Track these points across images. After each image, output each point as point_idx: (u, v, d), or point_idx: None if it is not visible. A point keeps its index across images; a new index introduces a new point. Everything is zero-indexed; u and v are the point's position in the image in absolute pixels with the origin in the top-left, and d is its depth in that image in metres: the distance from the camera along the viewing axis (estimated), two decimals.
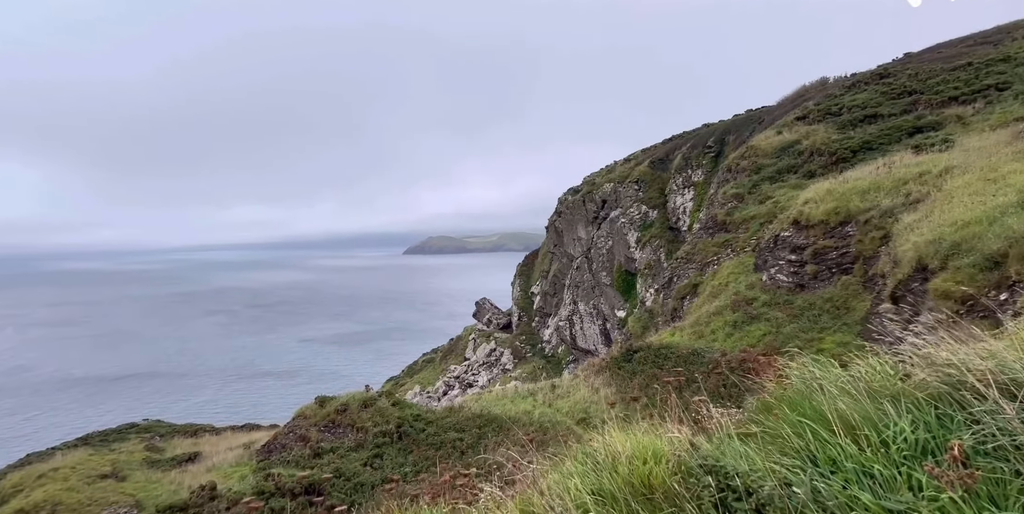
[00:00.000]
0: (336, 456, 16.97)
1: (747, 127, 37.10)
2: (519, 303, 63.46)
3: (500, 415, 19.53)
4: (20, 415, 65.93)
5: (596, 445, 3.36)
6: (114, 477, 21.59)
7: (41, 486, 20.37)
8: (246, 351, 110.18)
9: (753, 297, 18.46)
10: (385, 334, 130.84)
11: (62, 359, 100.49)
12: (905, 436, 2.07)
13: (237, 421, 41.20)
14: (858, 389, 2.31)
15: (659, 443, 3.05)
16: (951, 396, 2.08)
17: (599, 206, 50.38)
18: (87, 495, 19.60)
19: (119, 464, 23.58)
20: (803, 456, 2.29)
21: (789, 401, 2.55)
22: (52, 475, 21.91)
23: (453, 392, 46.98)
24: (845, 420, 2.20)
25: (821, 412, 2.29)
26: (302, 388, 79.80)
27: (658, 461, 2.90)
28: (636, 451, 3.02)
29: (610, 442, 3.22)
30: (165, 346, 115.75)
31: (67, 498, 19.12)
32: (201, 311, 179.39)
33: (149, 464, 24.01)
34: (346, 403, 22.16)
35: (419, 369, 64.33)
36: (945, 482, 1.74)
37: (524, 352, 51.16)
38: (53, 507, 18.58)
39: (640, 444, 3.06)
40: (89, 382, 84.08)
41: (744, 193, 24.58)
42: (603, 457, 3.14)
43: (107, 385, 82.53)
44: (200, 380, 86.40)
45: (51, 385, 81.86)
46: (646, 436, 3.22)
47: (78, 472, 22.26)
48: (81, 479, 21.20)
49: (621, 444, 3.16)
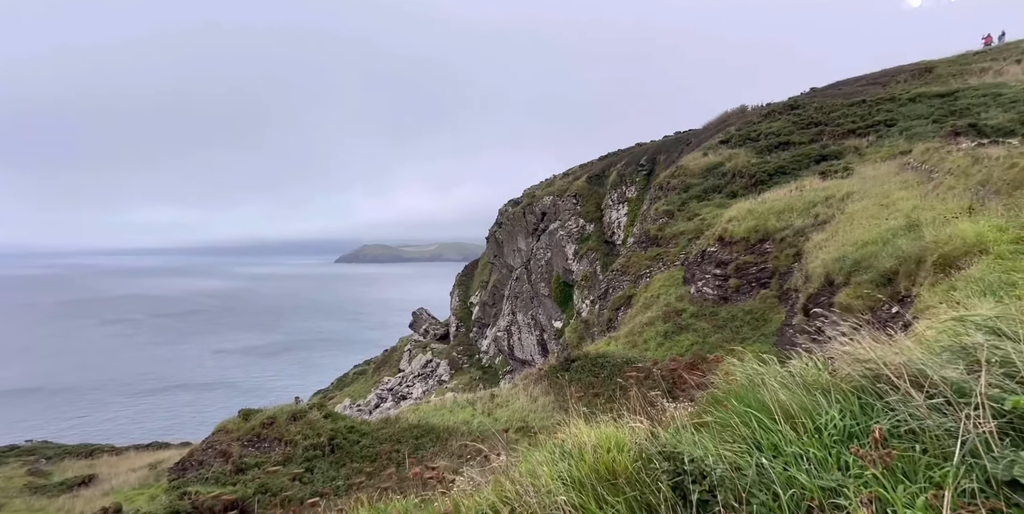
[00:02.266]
0: (261, 471, 15.98)
1: (676, 148, 39.62)
2: (457, 313, 63.04)
3: (438, 425, 19.30)
4: None
5: (563, 436, 3.56)
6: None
7: None
8: (152, 364, 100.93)
9: (682, 308, 19.63)
10: (312, 345, 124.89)
11: None
12: (835, 423, 2.41)
13: (142, 440, 37.56)
14: (795, 383, 2.67)
15: (621, 434, 3.29)
16: (872, 388, 2.47)
17: (539, 218, 51.47)
18: None
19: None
20: (750, 443, 2.59)
21: (736, 394, 2.88)
22: None
23: (386, 404, 45.63)
24: (785, 410, 2.52)
25: (764, 403, 2.62)
26: (220, 403, 74.07)
27: (621, 450, 3.14)
28: (600, 441, 3.24)
29: (576, 433, 3.43)
30: (54, 359, 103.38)
31: None
32: (98, 321, 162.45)
33: (32, 490, 21.48)
34: (273, 416, 20.98)
35: (350, 381, 61.94)
36: (868, 461, 2.06)
37: (461, 363, 50.76)
38: None
39: (604, 435, 3.29)
40: None
41: (674, 210, 26.18)
42: (570, 447, 3.34)
43: None
44: (98, 395, 77.87)
45: None
46: (608, 427, 3.46)
47: None
48: None
49: (586, 435, 3.38)
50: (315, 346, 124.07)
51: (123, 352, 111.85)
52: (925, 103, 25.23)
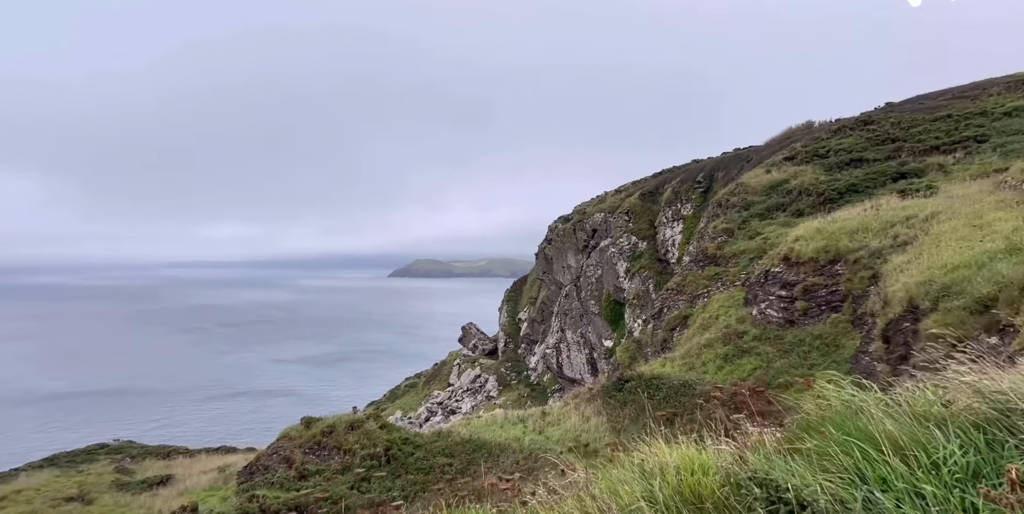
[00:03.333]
0: (322, 478, 16.54)
1: (735, 165, 38.48)
2: (506, 329, 63.17)
3: (490, 441, 19.30)
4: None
5: (642, 456, 3.55)
6: (80, 500, 20.63)
7: (2, 509, 19.49)
8: (220, 370, 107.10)
9: (744, 331, 18.83)
10: (365, 356, 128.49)
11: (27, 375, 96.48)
12: (955, 459, 2.18)
13: (211, 442, 39.75)
14: (903, 413, 2.52)
15: (704, 456, 3.25)
16: (1000, 422, 2.27)
17: (589, 235, 51.15)
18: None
19: (86, 486, 22.60)
20: (852, 474, 2.40)
21: (833, 421, 2.76)
22: (15, 497, 20.94)
23: (436, 418, 46.06)
24: (893, 441, 2.36)
25: (868, 432, 2.48)
26: (278, 409, 77.35)
27: (705, 472, 3.10)
28: (683, 463, 3.22)
29: (657, 453, 3.41)
30: (137, 364, 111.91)
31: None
32: (174, 329, 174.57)
33: (118, 487, 23.00)
34: (333, 425, 21.69)
35: (401, 394, 63.08)
36: (1005, 505, 1.84)
37: (509, 379, 50.63)
38: None
39: (686, 456, 3.26)
40: (53, 400, 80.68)
41: (734, 228, 25.34)
42: (651, 467, 3.32)
43: (71, 402, 79.22)
44: (172, 399, 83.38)
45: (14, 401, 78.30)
46: (689, 449, 3.42)
47: (43, 494, 21.30)
48: (46, 502, 20.27)
49: (666, 455, 3.36)
50: (368, 358, 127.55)
51: (195, 359, 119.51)
52: (1023, 118, 23.39)
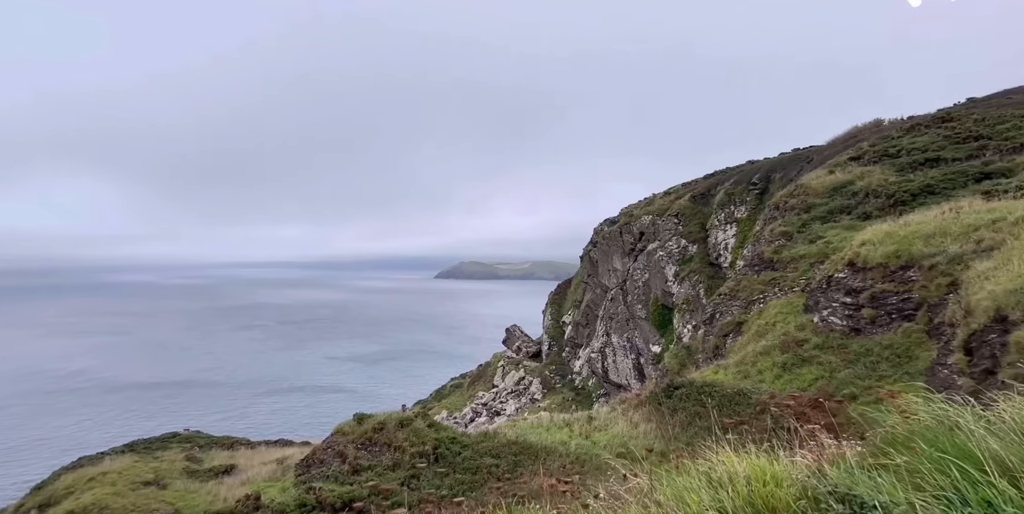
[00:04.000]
0: (374, 474, 17.00)
1: (794, 166, 36.73)
2: (550, 332, 62.95)
3: (536, 444, 19.27)
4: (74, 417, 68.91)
5: (707, 464, 3.47)
6: (156, 485, 22.11)
7: (90, 489, 21.07)
8: (278, 366, 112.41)
9: (804, 339, 17.93)
10: (412, 356, 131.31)
11: (113, 366, 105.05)
12: None
13: (269, 435, 41.70)
14: (1010, 430, 2.31)
15: (776, 467, 3.14)
16: None
17: (636, 238, 50.21)
18: (131, 501, 20.13)
19: (161, 472, 24.17)
20: (950, 494, 2.23)
21: (923, 437, 2.57)
22: (101, 479, 22.65)
23: (480, 419, 46.46)
24: (999, 461, 2.18)
25: (966, 450, 2.28)
26: (331, 405, 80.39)
27: (778, 484, 2.99)
28: (753, 473, 3.11)
29: (724, 461, 3.32)
30: (202, 358, 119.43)
31: (113, 502, 19.69)
32: (237, 326, 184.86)
33: (188, 474, 24.46)
34: (383, 422, 22.29)
35: (447, 394, 64.06)
36: None
37: (553, 382, 50.39)
38: (100, 511, 19.16)
39: (757, 466, 3.16)
40: (135, 389, 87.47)
41: (793, 232, 24.20)
42: (718, 476, 3.24)
43: (150, 392, 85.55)
44: (235, 392, 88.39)
45: (102, 390, 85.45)
46: (759, 459, 3.31)
47: (124, 478, 22.94)
48: (127, 485, 21.82)
49: (735, 465, 3.26)
50: (414, 357, 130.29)
51: (256, 355, 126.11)
52: None
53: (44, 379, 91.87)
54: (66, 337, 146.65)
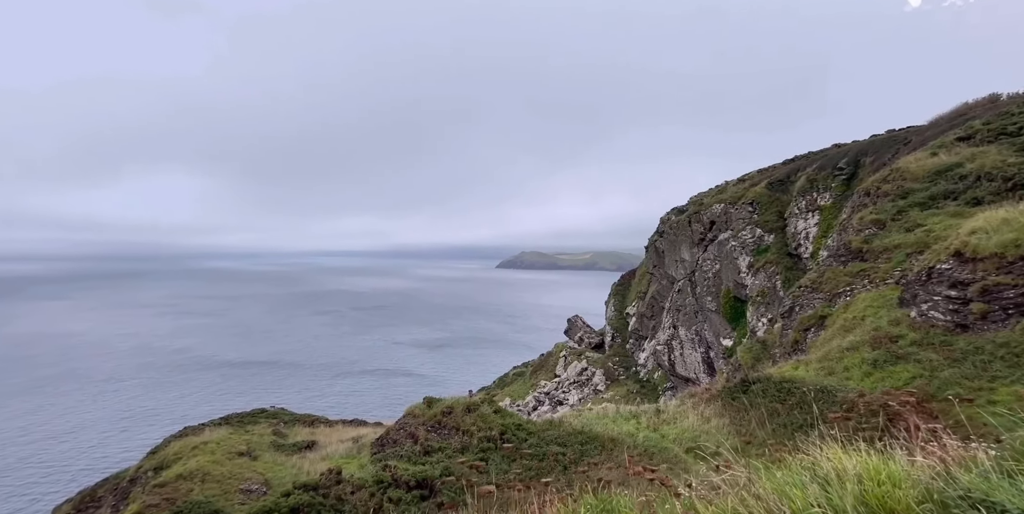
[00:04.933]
0: (444, 456, 17.68)
1: (889, 148, 33.53)
2: (613, 323, 62.07)
3: (601, 434, 19.19)
4: (177, 390, 77.08)
5: (810, 459, 3.32)
6: (248, 456, 24.20)
7: (194, 456, 23.41)
8: (349, 350, 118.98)
9: (898, 335, 16.51)
10: (472, 343, 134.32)
11: (208, 345, 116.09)
12: None
13: (344, 414, 44.45)
14: None
15: (892, 466, 2.95)
16: None
17: (706, 227, 48.12)
18: (228, 469, 22.16)
19: (252, 445, 26.36)
20: None
21: None
22: (203, 448, 25.08)
23: (543, 408, 46.86)
24: None
25: None
26: (399, 388, 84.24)
27: (896, 485, 2.81)
28: (866, 472, 2.95)
29: (831, 458, 3.17)
30: (284, 340, 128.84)
31: (213, 469, 21.78)
32: (313, 311, 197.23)
33: (275, 447, 26.54)
34: (451, 406, 23.07)
35: (509, 382, 65.08)
36: None
37: (617, 374, 49.78)
38: (203, 475, 21.26)
39: (869, 465, 2.99)
40: (227, 367, 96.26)
41: (886, 219, 22.21)
42: (825, 472, 3.09)
43: (239, 370, 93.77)
44: (313, 373, 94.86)
45: (200, 367, 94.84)
46: (871, 457, 3.13)
47: (222, 448, 25.25)
48: (224, 454, 24.02)
49: (844, 462, 3.10)
50: (474, 344, 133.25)
51: (330, 339, 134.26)
52: None
53: (154, 355, 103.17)
54: (170, 318, 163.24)
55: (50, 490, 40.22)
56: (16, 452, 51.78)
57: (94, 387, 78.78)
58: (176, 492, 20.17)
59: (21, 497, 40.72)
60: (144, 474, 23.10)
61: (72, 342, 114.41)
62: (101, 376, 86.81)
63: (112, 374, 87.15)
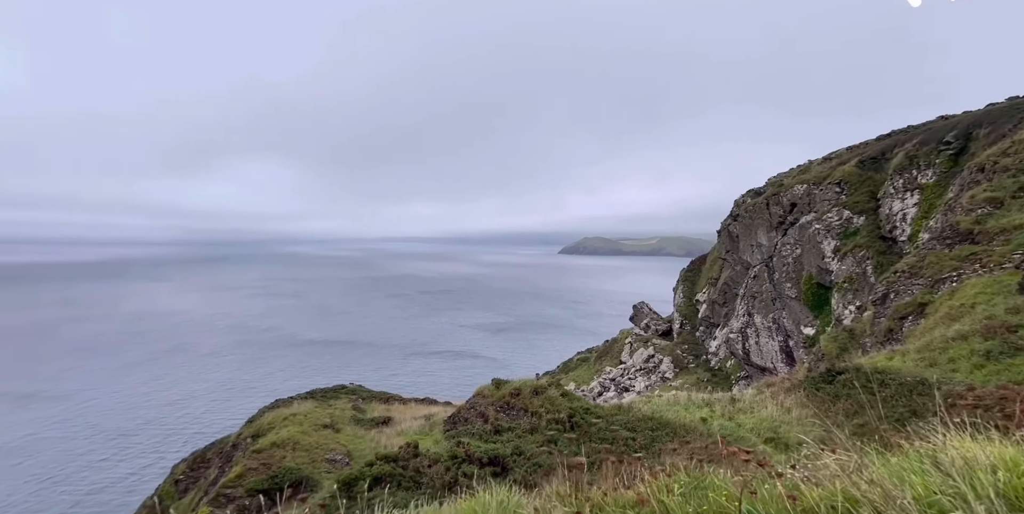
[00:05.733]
0: (514, 435, 18.15)
1: (1009, 118, 29.53)
2: (681, 310, 60.18)
3: (672, 421, 18.86)
4: (268, 366, 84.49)
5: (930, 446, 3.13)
6: (332, 428, 26.01)
7: (285, 427, 25.47)
8: (419, 332, 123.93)
9: (1018, 324, 14.82)
10: (535, 328, 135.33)
11: (293, 324, 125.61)
12: None
13: (416, 393, 46.52)
14: None
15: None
16: None
17: (786, 210, 45.08)
18: (314, 439, 23.96)
19: (335, 418, 28.25)
20: None
21: None
22: (292, 419, 27.22)
23: (609, 393, 46.64)
24: None
25: None
26: (465, 370, 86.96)
27: None
28: (1002, 462, 2.74)
29: (958, 446, 2.97)
30: (359, 321, 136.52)
31: (303, 439, 23.63)
32: (385, 294, 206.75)
33: (355, 421, 28.28)
34: (519, 388, 23.52)
35: (574, 367, 65.20)
36: None
37: (686, 362, 48.40)
38: (294, 444, 23.12)
39: (1006, 455, 2.77)
40: (309, 345, 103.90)
41: (1005, 197, 19.78)
42: (948, 461, 2.90)
43: (320, 348, 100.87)
44: (385, 352, 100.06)
45: (286, 344, 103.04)
46: (1006, 447, 2.90)
47: (308, 420, 27.28)
48: (311, 426, 25.95)
49: (974, 451, 2.89)
50: (537, 329, 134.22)
51: (401, 321, 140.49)
52: None
53: (248, 333, 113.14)
54: (260, 299, 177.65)
55: (170, 450, 45.88)
56: (143, 414, 59.35)
57: (199, 361, 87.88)
58: (271, 458, 22.07)
59: (151, 454, 46.96)
60: (244, 440, 25.45)
61: (178, 320, 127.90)
62: (205, 351, 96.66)
63: (213, 350, 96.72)
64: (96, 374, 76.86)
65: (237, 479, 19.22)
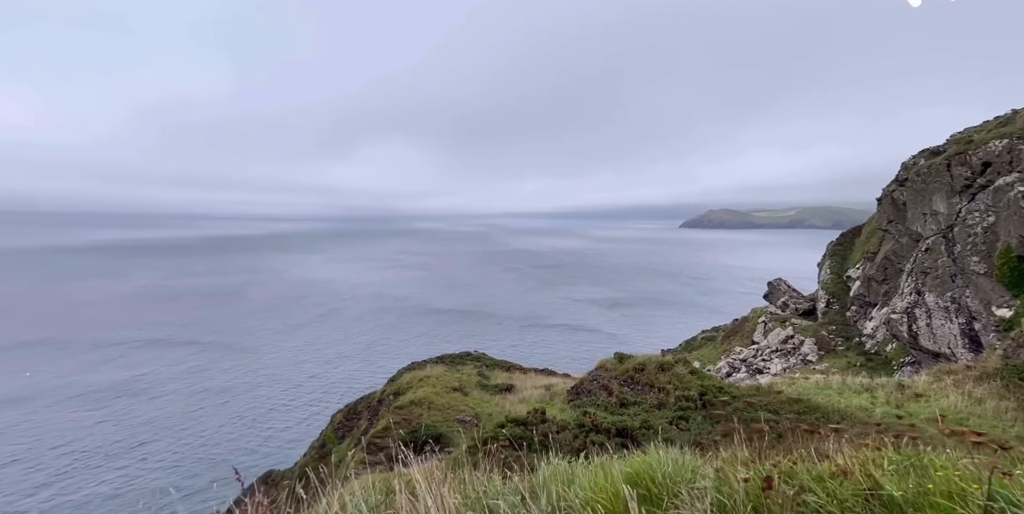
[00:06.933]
0: (641, 409, 17.75)
1: None
2: (828, 288, 53.63)
3: (823, 405, 17.00)
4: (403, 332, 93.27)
5: None
6: (460, 391, 27.75)
7: (421, 387, 27.68)
8: (534, 305, 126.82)
9: None
10: (649, 304, 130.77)
11: (423, 295, 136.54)
12: None
13: (534, 364, 47.89)
14: None
15: None
16: None
17: (976, 171, 37.11)
18: (446, 400, 25.72)
19: (463, 382, 30.08)
20: None
21: None
22: (426, 381, 29.50)
23: (739, 375, 43.67)
24: None
25: None
26: (580, 344, 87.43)
27: None
28: None
29: None
30: (480, 293, 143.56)
31: (436, 399, 25.49)
32: (502, 268, 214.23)
33: (481, 387, 29.87)
34: (644, 363, 22.87)
35: (698, 346, 62.01)
36: None
37: (834, 344, 43.25)
38: (429, 404, 25.04)
39: None
40: (437, 314, 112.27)
41: None
42: None
43: (446, 317, 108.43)
44: (504, 323, 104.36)
45: (418, 313, 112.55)
46: None
47: (440, 382, 29.37)
48: (442, 388, 27.92)
49: None
50: (651, 305, 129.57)
51: (519, 293, 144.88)
52: None
53: (386, 301, 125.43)
54: (394, 271, 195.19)
55: (331, 401, 53.44)
56: (308, 369, 69.63)
57: (348, 324, 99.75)
58: (411, 414, 24.18)
59: (318, 405, 55.43)
60: (387, 397, 28.30)
61: (329, 288, 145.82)
62: (351, 315, 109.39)
63: (358, 315, 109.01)
64: (270, 333, 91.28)
65: (384, 431, 21.43)
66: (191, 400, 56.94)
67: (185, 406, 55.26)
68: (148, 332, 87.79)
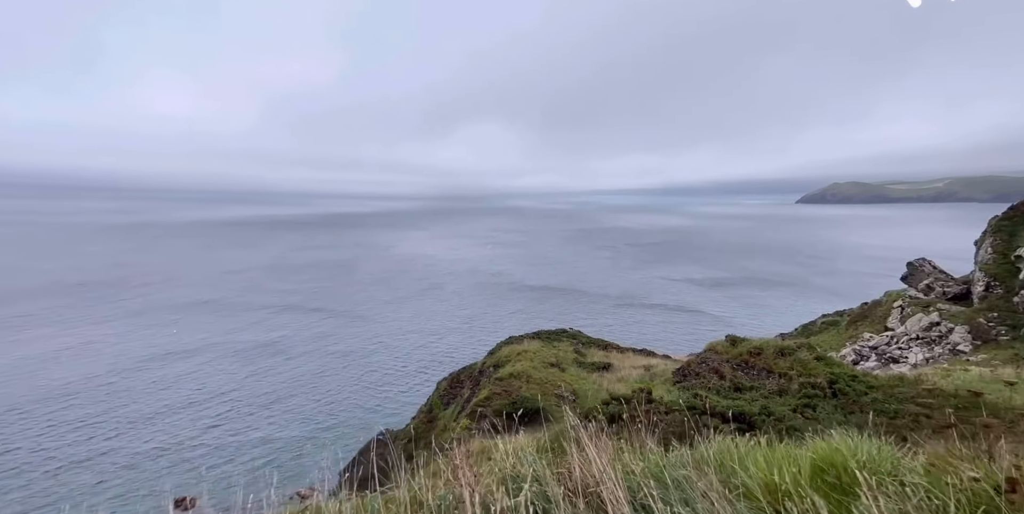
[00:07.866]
0: (758, 395, 16.41)
1: None
2: (989, 269, 45.62)
3: (993, 402, 14.46)
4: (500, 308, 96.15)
5: None
6: (557, 367, 27.74)
7: (519, 361, 28.04)
8: (630, 284, 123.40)
9: None
10: (759, 285, 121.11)
11: (516, 271, 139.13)
12: None
13: (633, 343, 46.63)
14: None
15: None
16: None
17: None
18: (544, 375, 25.79)
19: (559, 358, 30.02)
20: None
21: None
22: (523, 355, 29.82)
23: (868, 363, 39.03)
24: None
25: None
26: (680, 326, 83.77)
27: None
28: None
29: None
30: (572, 271, 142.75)
31: (534, 373, 25.66)
32: (595, 246, 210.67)
33: (577, 364, 29.65)
34: (760, 347, 21.10)
35: (817, 331, 56.44)
36: None
37: (994, 333, 36.88)
38: (527, 377, 25.27)
39: None
40: (530, 290, 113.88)
41: None
42: None
43: (540, 294, 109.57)
44: (600, 301, 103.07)
45: (512, 289, 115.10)
46: None
47: (537, 357, 29.55)
48: (539, 363, 28.08)
49: None
50: (759, 286, 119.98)
51: (613, 271, 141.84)
52: None
53: (482, 277, 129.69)
54: (489, 247, 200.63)
55: (437, 371, 57.12)
56: (415, 340, 74.68)
57: (448, 298, 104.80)
58: (510, 386, 24.61)
59: (424, 374, 59.73)
60: (488, 369, 29.13)
61: (429, 262, 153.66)
62: (451, 289, 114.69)
63: (457, 290, 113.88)
64: (380, 303, 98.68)
65: (486, 400, 22.03)
66: (321, 362, 64.16)
67: (315, 367, 62.43)
68: (282, 298, 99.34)
